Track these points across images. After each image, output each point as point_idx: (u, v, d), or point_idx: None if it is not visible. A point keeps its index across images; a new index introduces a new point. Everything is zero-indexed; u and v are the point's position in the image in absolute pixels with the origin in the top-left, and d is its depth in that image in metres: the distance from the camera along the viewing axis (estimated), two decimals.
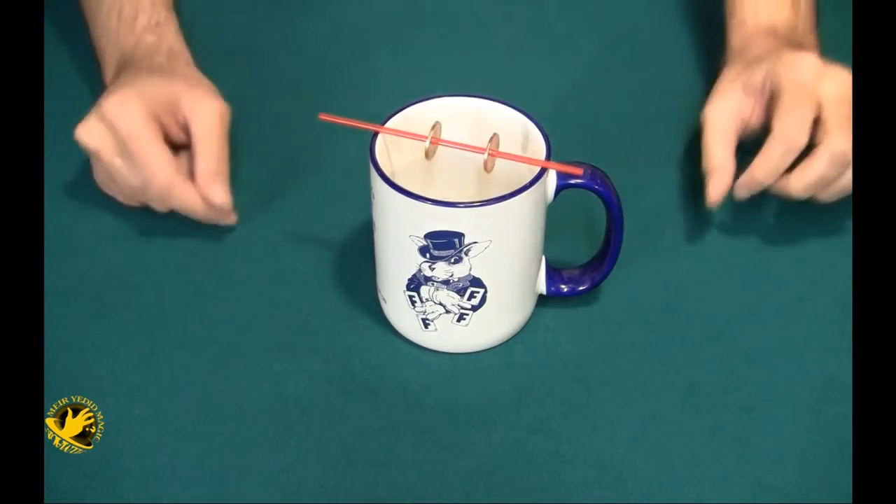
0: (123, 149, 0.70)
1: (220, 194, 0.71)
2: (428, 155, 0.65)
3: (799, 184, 0.69)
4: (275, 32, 0.91)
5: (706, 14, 0.89)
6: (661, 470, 0.62)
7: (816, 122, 0.69)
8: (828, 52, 0.75)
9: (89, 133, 0.70)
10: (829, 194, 0.70)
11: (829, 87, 0.69)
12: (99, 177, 0.74)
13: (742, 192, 0.72)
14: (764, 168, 0.70)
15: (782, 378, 0.66)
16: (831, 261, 0.73)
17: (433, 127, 0.65)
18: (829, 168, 0.68)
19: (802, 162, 0.69)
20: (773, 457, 0.62)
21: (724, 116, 0.73)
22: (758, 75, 0.72)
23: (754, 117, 0.73)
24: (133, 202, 0.74)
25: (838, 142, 0.68)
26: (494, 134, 0.64)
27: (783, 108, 0.70)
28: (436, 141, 0.64)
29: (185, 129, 0.72)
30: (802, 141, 0.69)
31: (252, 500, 0.60)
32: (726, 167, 0.71)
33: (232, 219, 0.73)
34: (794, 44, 0.75)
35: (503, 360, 0.67)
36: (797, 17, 0.78)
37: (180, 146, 0.73)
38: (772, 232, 0.74)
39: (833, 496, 0.60)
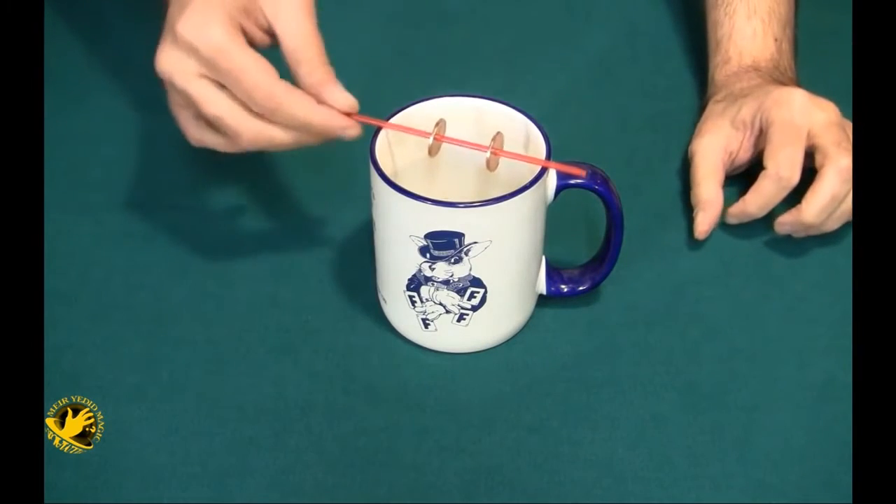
0: (211, 67, 0.61)
1: (343, 95, 0.62)
2: (431, 152, 0.65)
3: (813, 208, 0.70)
4: None
5: (706, 14, 0.89)
6: (661, 470, 0.62)
7: (808, 155, 0.71)
8: (827, 50, 0.75)
9: (168, 60, 0.62)
10: (837, 218, 0.71)
11: (819, 117, 0.71)
12: (176, 107, 0.65)
13: (732, 220, 0.74)
14: (756, 202, 0.72)
15: (782, 378, 0.66)
16: (831, 261, 0.73)
17: (437, 124, 0.64)
18: (838, 185, 0.69)
19: (809, 188, 0.70)
20: (773, 457, 0.62)
21: (712, 151, 0.75)
22: (746, 111, 0.74)
23: (742, 151, 0.75)
24: (203, 136, 0.65)
25: (841, 159, 0.69)
26: (498, 133, 0.64)
27: (775, 145, 0.71)
28: (440, 138, 0.64)
29: (269, 32, 0.64)
30: (795, 178, 0.71)
31: (252, 500, 0.60)
32: (715, 201, 0.73)
33: (354, 131, 0.63)
34: (776, 80, 0.77)
35: (503, 360, 0.67)
36: (780, 55, 0.80)
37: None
38: (772, 232, 0.74)
39: (833, 496, 0.60)
